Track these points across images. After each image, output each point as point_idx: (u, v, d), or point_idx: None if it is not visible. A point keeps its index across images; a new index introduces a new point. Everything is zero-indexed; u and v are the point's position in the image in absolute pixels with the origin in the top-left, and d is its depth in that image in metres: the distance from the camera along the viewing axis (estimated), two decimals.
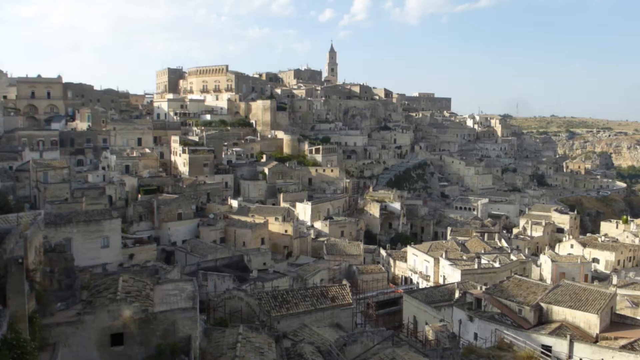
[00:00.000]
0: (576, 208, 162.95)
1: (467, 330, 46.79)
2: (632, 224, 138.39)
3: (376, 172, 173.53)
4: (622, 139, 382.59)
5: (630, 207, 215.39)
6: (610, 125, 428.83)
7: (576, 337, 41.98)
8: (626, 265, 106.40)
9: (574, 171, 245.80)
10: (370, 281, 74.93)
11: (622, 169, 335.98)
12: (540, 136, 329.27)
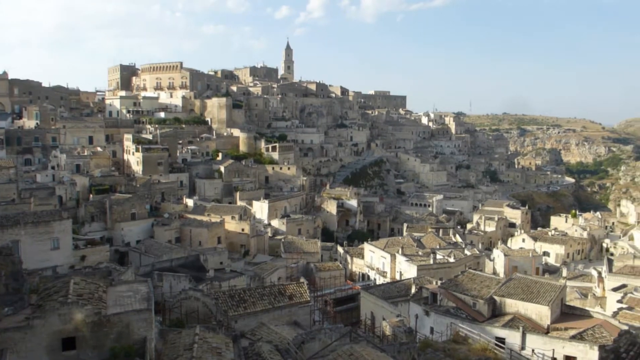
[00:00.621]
0: (527, 203, 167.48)
1: (423, 324, 47.36)
2: (580, 218, 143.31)
3: (333, 169, 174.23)
4: (570, 136, 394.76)
5: (578, 202, 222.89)
6: (560, 122, 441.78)
7: (528, 329, 43.03)
8: (575, 258, 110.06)
9: (525, 167, 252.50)
10: (327, 278, 75.13)
11: (570, 165, 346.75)
12: (492, 133, 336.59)
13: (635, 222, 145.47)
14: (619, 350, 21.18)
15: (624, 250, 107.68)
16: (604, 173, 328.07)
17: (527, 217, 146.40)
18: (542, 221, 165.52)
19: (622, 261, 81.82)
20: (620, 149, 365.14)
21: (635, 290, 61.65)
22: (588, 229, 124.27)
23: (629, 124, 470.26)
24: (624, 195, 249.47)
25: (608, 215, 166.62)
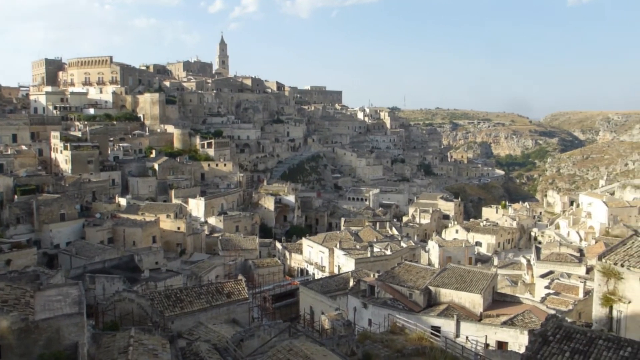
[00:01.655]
0: (460, 195, 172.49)
1: (361, 317, 47.94)
2: (510, 209, 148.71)
3: (270, 165, 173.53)
4: (500, 130, 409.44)
5: (508, 193, 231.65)
6: (490, 117, 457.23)
7: (462, 317, 44.33)
8: (505, 247, 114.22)
9: (458, 160, 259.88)
10: (266, 275, 74.82)
11: (500, 158, 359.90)
12: (426, 128, 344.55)
13: (560, 212, 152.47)
14: (546, 333, 22.07)
15: (551, 238, 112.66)
16: (531, 165, 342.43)
17: (460, 209, 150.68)
18: (474, 212, 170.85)
19: (549, 249, 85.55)
20: (546, 141, 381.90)
21: (562, 276, 64.60)
22: (517, 219, 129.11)
23: (554, 118, 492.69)
24: (550, 186, 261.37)
25: (536, 206, 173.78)
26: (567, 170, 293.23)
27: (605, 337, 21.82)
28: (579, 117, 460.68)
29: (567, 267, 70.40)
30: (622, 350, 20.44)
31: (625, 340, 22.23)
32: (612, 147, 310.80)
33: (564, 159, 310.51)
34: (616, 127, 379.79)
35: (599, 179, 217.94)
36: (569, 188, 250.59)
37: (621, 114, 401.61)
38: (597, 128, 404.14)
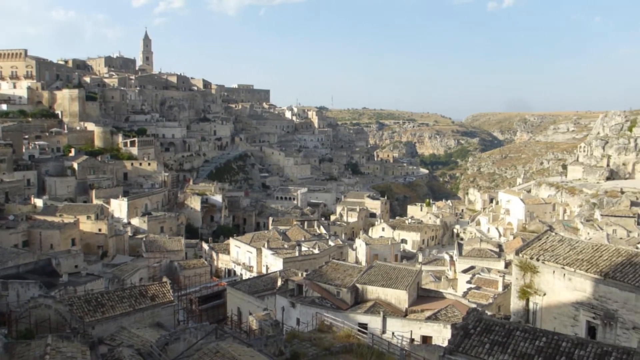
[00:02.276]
0: (386, 194, 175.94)
1: (290, 316, 47.90)
2: (433, 207, 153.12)
3: (196, 164, 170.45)
4: (424, 130, 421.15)
5: (432, 191, 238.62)
6: (414, 117, 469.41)
7: (389, 313, 45.20)
8: (430, 243, 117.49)
9: (384, 160, 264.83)
10: (192, 276, 73.38)
11: (424, 157, 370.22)
12: (353, 127, 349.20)
13: (481, 209, 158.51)
14: (468, 327, 22.79)
15: (472, 234, 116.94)
16: (454, 164, 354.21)
17: (386, 207, 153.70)
18: (400, 210, 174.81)
19: (471, 245, 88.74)
20: (467, 141, 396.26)
21: (482, 271, 67.13)
22: (441, 216, 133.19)
23: (475, 119, 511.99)
24: (471, 184, 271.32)
25: (458, 203, 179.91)
26: (487, 169, 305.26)
27: (522, 328, 22.77)
28: (498, 118, 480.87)
29: (487, 262, 73.21)
30: (538, 341, 21.39)
31: (540, 330, 23.30)
32: (528, 147, 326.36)
33: (484, 158, 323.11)
34: (532, 127, 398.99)
35: (516, 177, 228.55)
36: (489, 186, 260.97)
37: (537, 115, 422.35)
38: (515, 129, 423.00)
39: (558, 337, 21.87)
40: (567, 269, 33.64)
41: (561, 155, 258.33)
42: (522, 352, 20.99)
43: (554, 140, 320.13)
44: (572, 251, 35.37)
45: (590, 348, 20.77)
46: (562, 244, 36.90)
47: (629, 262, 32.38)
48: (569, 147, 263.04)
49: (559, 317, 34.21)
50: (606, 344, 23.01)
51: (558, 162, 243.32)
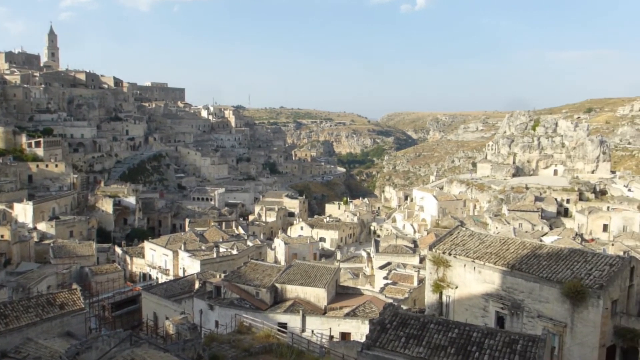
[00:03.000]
0: (304, 193, 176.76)
1: (208, 319, 47.13)
2: (351, 205, 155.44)
3: (108, 165, 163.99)
4: (341, 129, 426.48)
5: (349, 190, 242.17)
6: (331, 116, 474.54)
7: (308, 312, 45.45)
8: (347, 241, 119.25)
9: (302, 159, 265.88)
10: (105, 282, 70.52)
11: (341, 156, 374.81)
12: (271, 127, 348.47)
13: (397, 206, 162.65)
14: (384, 322, 23.26)
15: (388, 231, 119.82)
16: (370, 163, 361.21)
17: (305, 206, 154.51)
18: (318, 209, 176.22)
19: (387, 241, 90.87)
20: (383, 140, 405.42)
21: (398, 266, 68.86)
22: (358, 214, 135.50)
23: (390, 118, 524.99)
24: (387, 182, 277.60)
25: (375, 201, 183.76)
26: (402, 167, 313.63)
27: (436, 321, 23.51)
28: (411, 118, 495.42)
29: (403, 258, 75.25)
30: (451, 332, 22.17)
31: (453, 322, 24.16)
32: (440, 145, 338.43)
33: (399, 157, 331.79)
34: (444, 127, 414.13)
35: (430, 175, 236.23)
36: (404, 184, 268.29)
37: (448, 115, 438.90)
38: (428, 128, 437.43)
39: (469, 328, 22.75)
40: (477, 262, 35.12)
41: (471, 154, 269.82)
42: (436, 343, 21.68)
43: (464, 139, 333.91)
44: (482, 245, 36.98)
45: (499, 337, 21.75)
46: (472, 239, 38.48)
47: (534, 254, 34.25)
48: (478, 145, 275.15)
49: (470, 308, 35.66)
50: (513, 332, 24.21)
51: (468, 160, 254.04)
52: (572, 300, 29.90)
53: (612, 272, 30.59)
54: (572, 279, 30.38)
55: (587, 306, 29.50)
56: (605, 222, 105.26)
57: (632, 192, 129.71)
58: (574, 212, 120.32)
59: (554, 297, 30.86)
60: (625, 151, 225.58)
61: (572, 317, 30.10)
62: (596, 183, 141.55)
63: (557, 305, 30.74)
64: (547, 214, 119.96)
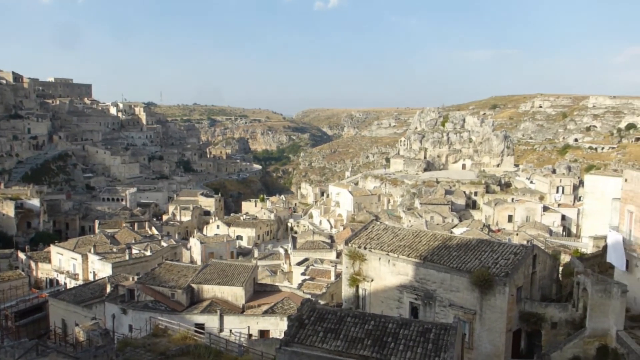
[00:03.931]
0: (220, 191, 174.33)
1: (121, 323, 45.54)
2: (268, 202, 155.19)
3: (8, 166, 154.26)
4: (256, 126, 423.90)
5: (266, 187, 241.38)
6: (246, 113, 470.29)
7: (226, 311, 44.96)
8: (265, 238, 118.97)
9: (217, 156, 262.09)
10: (7, 290, 66.29)
11: (257, 153, 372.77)
12: (184, 124, 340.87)
13: (313, 202, 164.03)
14: (302, 317, 23.36)
15: (305, 227, 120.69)
16: (286, 159, 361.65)
17: (221, 205, 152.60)
18: (235, 207, 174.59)
19: (304, 238, 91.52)
20: (299, 137, 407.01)
21: (316, 262, 69.55)
22: (275, 211, 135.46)
23: (305, 114, 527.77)
24: (303, 179, 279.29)
25: (291, 198, 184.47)
26: (318, 164, 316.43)
27: (352, 314, 23.90)
28: (326, 114, 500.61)
29: (320, 253, 76.05)
30: (367, 324, 22.61)
31: (369, 315, 24.66)
32: (355, 141, 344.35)
33: (315, 153, 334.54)
34: (358, 123, 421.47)
35: (345, 171, 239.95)
36: (320, 180, 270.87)
37: (362, 112, 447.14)
38: (343, 124, 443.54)
39: (385, 319, 23.29)
40: (392, 255, 36.05)
41: (384, 149, 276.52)
42: (353, 336, 22.03)
43: (377, 135, 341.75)
44: (396, 238, 37.97)
45: (413, 327, 22.42)
46: (387, 232, 39.44)
47: (444, 246, 35.59)
48: (391, 141, 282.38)
49: (385, 300, 36.56)
50: (427, 321, 25.02)
51: (382, 156, 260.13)
52: (480, 288, 31.32)
53: (517, 260, 32.32)
54: (480, 268, 31.82)
55: (494, 293, 31.00)
56: (510, 213, 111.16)
57: (534, 184, 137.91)
58: (481, 204, 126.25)
59: (464, 286, 32.21)
60: (527, 145, 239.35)
61: (481, 304, 31.54)
62: (501, 176, 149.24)
63: (467, 293, 32.11)
64: (457, 207, 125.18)
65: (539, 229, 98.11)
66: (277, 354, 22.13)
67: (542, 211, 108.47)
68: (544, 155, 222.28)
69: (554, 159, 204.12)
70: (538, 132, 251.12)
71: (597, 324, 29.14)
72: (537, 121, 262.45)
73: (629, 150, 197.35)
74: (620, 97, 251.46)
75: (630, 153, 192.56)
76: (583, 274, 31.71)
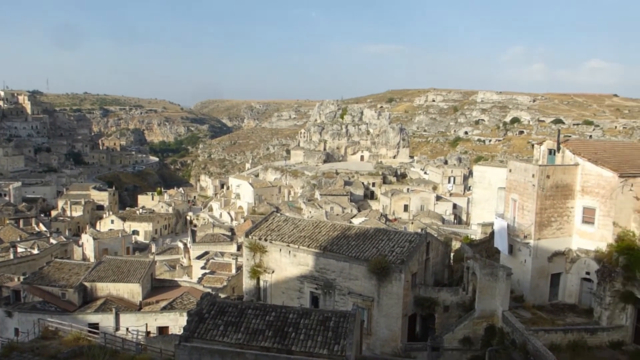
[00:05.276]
0: (114, 184, 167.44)
1: (6, 327, 42.68)
2: (165, 195, 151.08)
3: None
4: (152, 116, 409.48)
5: (163, 180, 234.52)
6: (142, 103, 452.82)
7: (121, 309, 43.33)
8: (163, 233, 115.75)
9: (110, 148, 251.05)
10: None
11: (154, 145, 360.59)
12: (74, 114, 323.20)
13: (213, 195, 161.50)
14: (202, 312, 23.01)
15: (205, 220, 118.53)
16: (184, 151, 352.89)
17: (115, 198, 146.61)
18: (130, 201, 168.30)
19: (204, 231, 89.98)
20: (197, 128, 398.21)
21: (216, 255, 68.64)
22: (173, 204, 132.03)
23: (204, 105, 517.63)
24: (203, 171, 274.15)
25: (190, 190, 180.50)
26: (217, 155, 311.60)
27: (253, 306, 23.86)
28: (226, 105, 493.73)
29: (220, 246, 75.20)
30: (268, 316, 22.67)
31: (270, 306, 24.74)
32: (255, 133, 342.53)
33: (215, 145, 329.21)
34: (258, 115, 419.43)
35: (245, 163, 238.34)
36: (220, 172, 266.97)
37: (262, 103, 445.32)
38: (243, 115, 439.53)
39: (286, 310, 23.46)
40: (292, 246, 36.36)
41: (285, 141, 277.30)
42: (254, 328, 22.00)
43: (278, 126, 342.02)
44: (296, 229, 38.31)
45: (314, 316, 22.75)
46: (287, 224, 39.69)
47: (343, 236, 36.38)
48: (291, 133, 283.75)
49: (287, 291, 36.83)
50: (327, 310, 25.49)
51: (282, 147, 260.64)
52: (378, 276, 32.35)
53: (412, 248, 33.69)
54: (377, 256, 32.85)
55: (391, 280, 32.14)
56: (405, 202, 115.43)
57: (427, 174, 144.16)
58: (379, 194, 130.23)
59: (362, 274, 33.12)
60: (421, 138, 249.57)
61: (378, 291, 32.59)
62: (397, 167, 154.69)
63: (365, 281, 33.06)
64: (356, 197, 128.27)
65: (433, 218, 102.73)
66: (177, 351, 21.64)
67: (435, 200, 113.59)
68: (437, 147, 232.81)
69: (446, 151, 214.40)
70: (431, 125, 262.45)
71: (485, 305, 31.01)
72: (431, 115, 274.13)
73: (513, 142, 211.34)
74: (506, 92, 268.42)
75: (515, 145, 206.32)
76: (472, 259, 33.62)
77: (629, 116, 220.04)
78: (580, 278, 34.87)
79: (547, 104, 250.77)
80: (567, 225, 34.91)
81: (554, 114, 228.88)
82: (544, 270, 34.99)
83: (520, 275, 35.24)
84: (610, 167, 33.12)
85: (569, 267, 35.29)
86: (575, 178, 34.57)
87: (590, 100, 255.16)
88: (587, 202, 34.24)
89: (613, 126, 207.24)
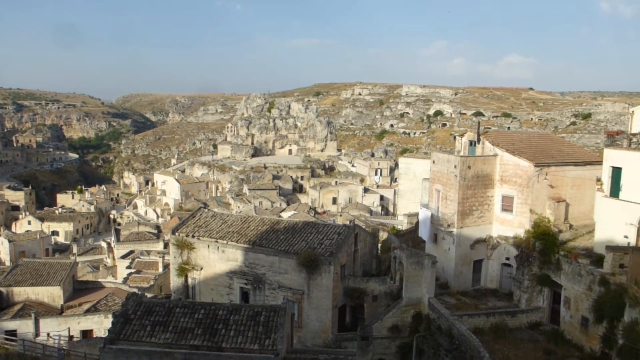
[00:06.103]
0: (31, 183, 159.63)
1: None
2: (87, 193, 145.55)
3: None
4: (71, 111, 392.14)
5: (84, 177, 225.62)
6: (59, 97, 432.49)
7: (41, 314, 41.36)
8: (85, 232, 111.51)
9: (25, 145, 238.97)
10: None
11: (73, 141, 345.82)
12: None
13: (137, 192, 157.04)
14: (128, 312, 22.30)
15: (130, 218, 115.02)
16: (106, 147, 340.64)
17: (32, 198, 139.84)
18: (49, 200, 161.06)
19: (129, 229, 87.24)
20: (120, 123, 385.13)
21: (142, 254, 66.76)
22: (95, 202, 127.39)
23: (126, 100, 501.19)
24: (126, 167, 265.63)
25: (113, 188, 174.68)
26: (141, 151, 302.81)
27: (181, 304, 23.36)
28: (149, 99, 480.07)
29: (146, 245, 73.19)
30: (197, 313, 22.26)
31: (199, 303, 24.29)
32: (181, 127, 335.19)
33: (138, 140, 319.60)
34: (184, 109, 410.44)
35: (171, 158, 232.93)
36: (144, 168, 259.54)
37: (187, 97, 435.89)
38: (167, 110, 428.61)
39: (215, 306, 23.11)
40: (220, 242, 35.91)
41: (212, 135, 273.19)
42: (182, 327, 21.54)
43: (204, 121, 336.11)
44: (224, 225, 37.86)
45: (244, 311, 22.54)
46: (215, 219, 39.16)
47: (272, 230, 36.28)
48: (218, 127, 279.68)
49: (216, 288, 36.36)
50: (257, 305, 25.38)
51: (209, 142, 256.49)
52: (307, 269, 32.50)
53: (340, 240, 34.04)
54: (306, 249, 32.98)
55: (320, 273, 32.36)
56: (334, 195, 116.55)
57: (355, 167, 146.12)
58: (307, 188, 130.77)
59: (292, 267, 33.17)
60: (348, 131, 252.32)
61: (308, 284, 32.74)
62: (325, 160, 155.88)
63: (295, 275, 33.13)
64: (285, 191, 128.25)
65: (361, 210, 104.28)
66: (101, 354, 20.87)
67: (363, 193, 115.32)
68: (364, 140, 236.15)
69: (372, 144, 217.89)
70: (358, 118, 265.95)
71: (412, 293, 31.84)
72: (357, 108, 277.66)
73: (436, 134, 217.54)
74: (429, 86, 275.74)
75: (438, 137, 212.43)
76: (399, 248, 34.41)
77: (544, 108, 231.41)
78: (501, 263, 36.45)
79: (468, 97, 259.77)
80: (487, 213, 36.35)
81: (474, 106, 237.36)
82: (466, 257, 36.32)
83: (444, 263, 36.39)
84: (527, 157, 34.75)
85: (490, 253, 36.80)
86: (494, 168, 36.04)
87: (508, 94, 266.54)
88: (505, 190, 35.78)
89: (529, 118, 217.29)
